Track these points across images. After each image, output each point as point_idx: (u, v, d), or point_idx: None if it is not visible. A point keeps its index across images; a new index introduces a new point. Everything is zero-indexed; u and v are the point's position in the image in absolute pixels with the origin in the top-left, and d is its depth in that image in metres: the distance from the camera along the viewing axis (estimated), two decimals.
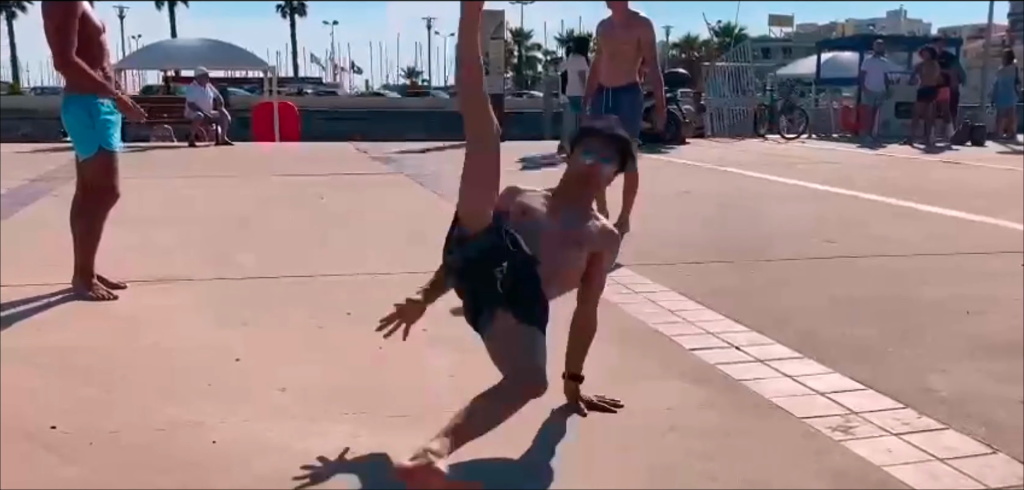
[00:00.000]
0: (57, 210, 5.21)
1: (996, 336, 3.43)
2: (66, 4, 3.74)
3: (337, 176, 8.96)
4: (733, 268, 4.70)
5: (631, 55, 5.50)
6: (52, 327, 3.52)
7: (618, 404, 2.61)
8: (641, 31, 5.49)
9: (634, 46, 5.47)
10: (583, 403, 2.59)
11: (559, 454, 2.35)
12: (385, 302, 3.88)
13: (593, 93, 5.87)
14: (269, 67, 20.51)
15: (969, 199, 7.45)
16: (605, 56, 5.64)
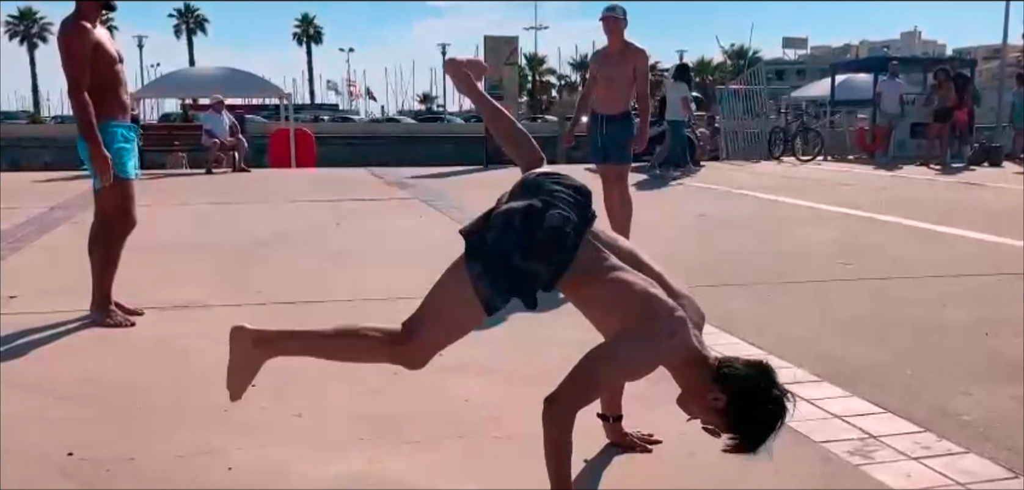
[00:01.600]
0: (76, 237, 5.27)
1: (1017, 359, 3.38)
2: (78, 36, 3.81)
3: (353, 202, 9.01)
4: (749, 291, 4.68)
5: (626, 83, 5.60)
6: (70, 354, 3.55)
7: (656, 441, 2.53)
8: (636, 60, 5.59)
9: (629, 75, 5.57)
10: (628, 439, 2.50)
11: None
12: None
13: (583, 118, 6.05)
14: (285, 94, 20.72)
15: (987, 220, 7.38)
16: (600, 84, 5.72)
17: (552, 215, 2.06)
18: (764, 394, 2.02)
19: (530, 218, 2.05)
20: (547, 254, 2.06)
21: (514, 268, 2.05)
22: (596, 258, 2.10)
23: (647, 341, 2.03)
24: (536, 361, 3.33)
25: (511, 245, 2.04)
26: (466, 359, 3.42)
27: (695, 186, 10.95)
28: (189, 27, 72.48)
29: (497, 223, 2.09)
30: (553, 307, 4.30)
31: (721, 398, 2.02)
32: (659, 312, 2.03)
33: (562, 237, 2.05)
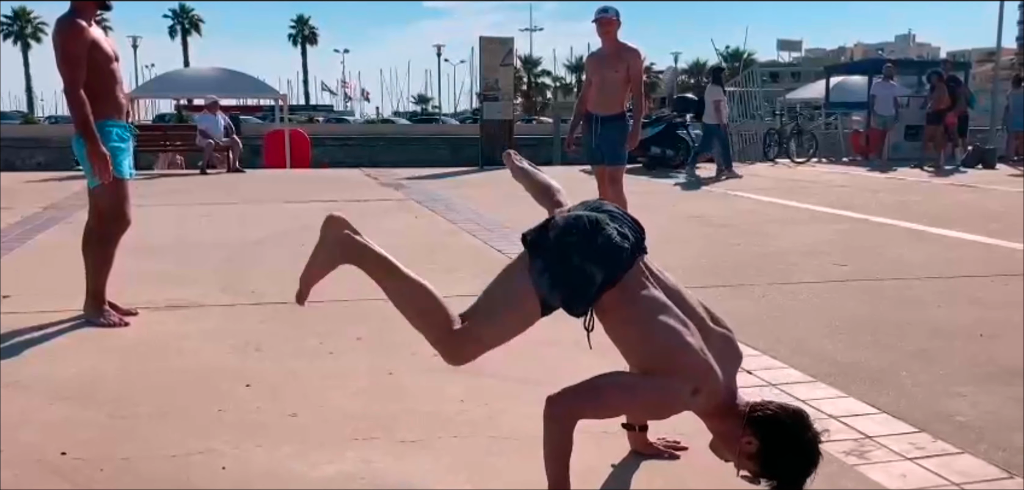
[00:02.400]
0: (69, 237, 5.26)
1: (1011, 359, 3.39)
2: (74, 34, 3.79)
3: (348, 202, 8.99)
4: (744, 292, 4.68)
5: (620, 84, 5.62)
6: (64, 354, 3.53)
7: (682, 447, 2.48)
8: (630, 61, 5.61)
9: (623, 75, 5.58)
10: (653, 448, 2.47)
11: None
12: (395, 328, 3.90)
13: (582, 120, 6.03)
14: (280, 95, 20.69)
15: (981, 222, 7.41)
16: (595, 85, 5.73)
17: (612, 227, 2.10)
18: (796, 437, 2.01)
19: (592, 225, 2.09)
20: (604, 260, 2.06)
21: (573, 267, 2.06)
22: (642, 283, 2.10)
23: (668, 392, 2.03)
24: (532, 363, 3.32)
25: (572, 245, 2.07)
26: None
27: (690, 188, 10.97)
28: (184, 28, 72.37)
29: (560, 223, 2.12)
30: None
31: (753, 442, 2.02)
32: (684, 369, 2.01)
33: (619, 249, 2.07)
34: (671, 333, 2.03)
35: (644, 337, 2.06)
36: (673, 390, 2.01)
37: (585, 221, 2.11)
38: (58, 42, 3.84)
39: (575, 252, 2.06)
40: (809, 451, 2.01)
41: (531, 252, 2.11)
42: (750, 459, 2.04)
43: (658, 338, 2.04)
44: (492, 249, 5.94)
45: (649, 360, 2.05)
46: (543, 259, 2.09)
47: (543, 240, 2.11)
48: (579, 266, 2.06)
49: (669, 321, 2.05)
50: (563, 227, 2.11)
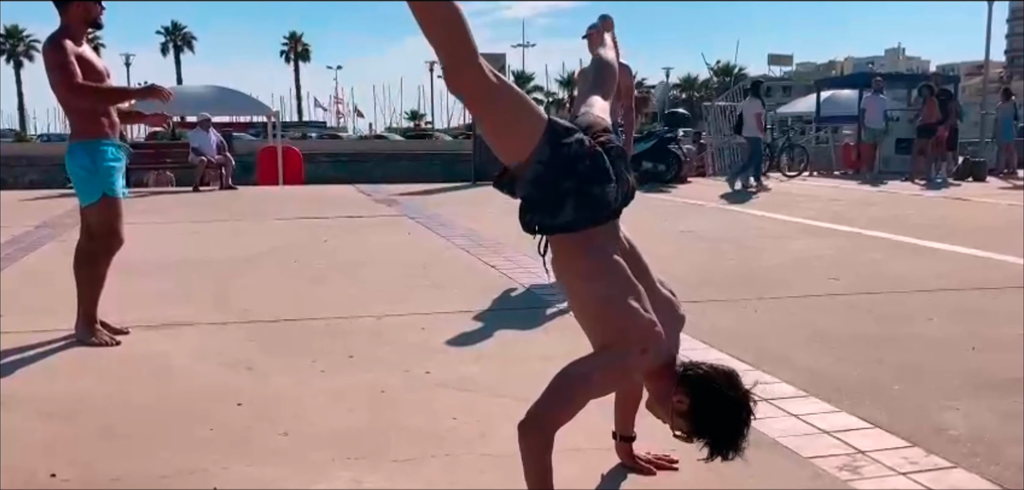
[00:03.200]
0: (61, 256, 5.23)
1: (1003, 373, 3.40)
2: (58, 45, 3.79)
3: (340, 219, 8.99)
4: (735, 306, 4.69)
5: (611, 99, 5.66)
6: (54, 373, 3.51)
7: (673, 460, 2.45)
8: (621, 76, 5.64)
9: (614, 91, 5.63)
10: (640, 462, 2.45)
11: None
12: (387, 344, 3.90)
13: None
14: (273, 112, 20.70)
15: (972, 235, 7.45)
16: None
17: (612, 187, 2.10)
18: (725, 396, 2.07)
19: (602, 174, 2.09)
20: (585, 208, 2.08)
21: (559, 189, 2.06)
22: (605, 238, 2.12)
23: (620, 360, 2.06)
24: (525, 380, 3.32)
25: (576, 171, 2.06)
26: (455, 376, 3.41)
27: (681, 202, 11.00)
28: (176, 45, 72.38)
29: (586, 146, 2.09)
30: (542, 324, 4.31)
31: (684, 400, 2.07)
32: (629, 330, 2.05)
33: (605, 207, 2.10)
34: (619, 294, 2.06)
35: (592, 294, 2.09)
36: (624, 357, 2.05)
37: (602, 164, 2.09)
38: (47, 57, 3.85)
39: (572, 178, 2.05)
40: (738, 409, 2.07)
41: (550, 136, 2.06)
42: (681, 417, 2.09)
43: (607, 301, 2.07)
44: (485, 265, 5.94)
45: (594, 318, 2.10)
46: (549, 154, 2.05)
47: (563, 141, 2.06)
48: (562, 192, 2.06)
49: (618, 281, 2.08)
50: (585, 152, 2.07)
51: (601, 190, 2.08)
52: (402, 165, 28.61)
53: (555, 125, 2.09)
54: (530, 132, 2.06)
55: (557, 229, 2.10)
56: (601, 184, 2.08)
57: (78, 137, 3.94)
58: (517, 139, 2.09)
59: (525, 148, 2.07)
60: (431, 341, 3.95)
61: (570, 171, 2.05)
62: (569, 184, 2.05)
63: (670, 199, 11.47)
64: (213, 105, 16.32)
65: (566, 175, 2.05)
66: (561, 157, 2.05)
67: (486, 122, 2.19)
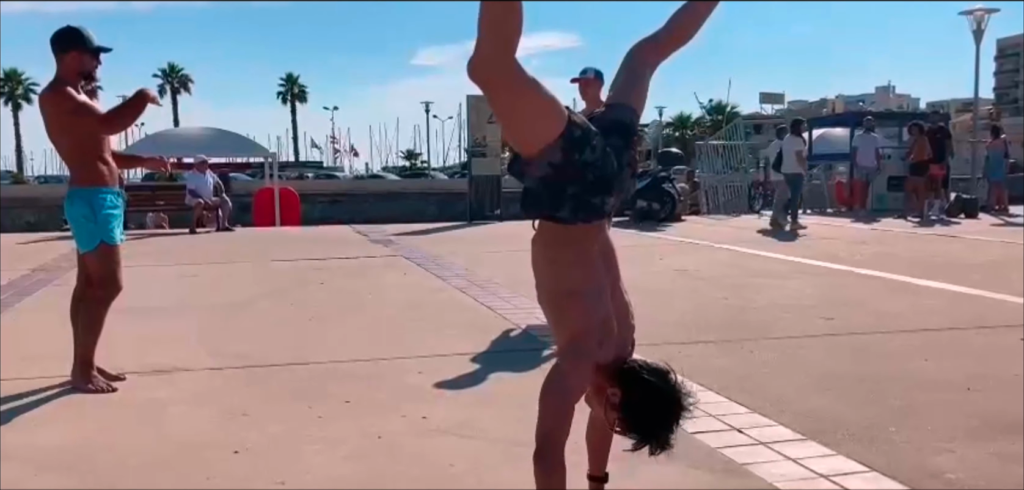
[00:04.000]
0: (58, 300, 5.23)
1: (1000, 414, 3.41)
2: (61, 93, 3.85)
3: (336, 260, 9.00)
4: (731, 347, 4.70)
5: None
6: (51, 421, 3.50)
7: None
8: None
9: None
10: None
11: None
12: (384, 389, 3.90)
13: None
14: (270, 154, 20.78)
15: (966, 273, 7.48)
16: None
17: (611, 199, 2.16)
18: (656, 389, 2.16)
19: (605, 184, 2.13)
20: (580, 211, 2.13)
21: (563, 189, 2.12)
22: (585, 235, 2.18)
23: (581, 352, 2.15)
24: (522, 425, 3.31)
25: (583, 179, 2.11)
26: (452, 421, 3.41)
27: (676, 240, 11.04)
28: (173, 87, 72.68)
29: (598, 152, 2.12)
30: (539, 366, 4.30)
31: (617, 393, 2.17)
32: (593, 322, 2.15)
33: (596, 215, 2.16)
34: (585, 288, 2.16)
35: (561, 284, 2.19)
36: (586, 352, 2.15)
37: (608, 175, 2.13)
38: (50, 104, 3.88)
39: (577, 184, 2.11)
40: (668, 403, 2.15)
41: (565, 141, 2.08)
42: (614, 410, 2.18)
43: (573, 293, 2.17)
44: (481, 305, 5.95)
45: (559, 308, 2.21)
46: (560, 158, 2.09)
47: (576, 151, 2.09)
48: (565, 195, 2.12)
49: (587, 276, 2.17)
50: (595, 162, 2.11)
51: (601, 200, 2.15)
52: (398, 204, 28.67)
53: (572, 130, 2.11)
54: (545, 134, 2.11)
55: (551, 220, 2.18)
56: (602, 194, 2.15)
57: (77, 184, 3.97)
58: (532, 135, 2.14)
59: (537, 145, 2.12)
60: (428, 384, 3.95)
61: (576, 178, 2.12)
62: (573, 189, 2.12)
63: (665, 238, 11.51)
64: (210, 147, 16.40)
65: (572, 181, 2.12)
66: (571, 164, 2.10)
67: (505, 111, 2.20)
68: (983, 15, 17.40)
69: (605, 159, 2.13)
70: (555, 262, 2.21)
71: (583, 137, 2.11)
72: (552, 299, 2.22)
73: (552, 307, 2.23)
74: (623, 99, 2.33)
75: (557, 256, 2.21)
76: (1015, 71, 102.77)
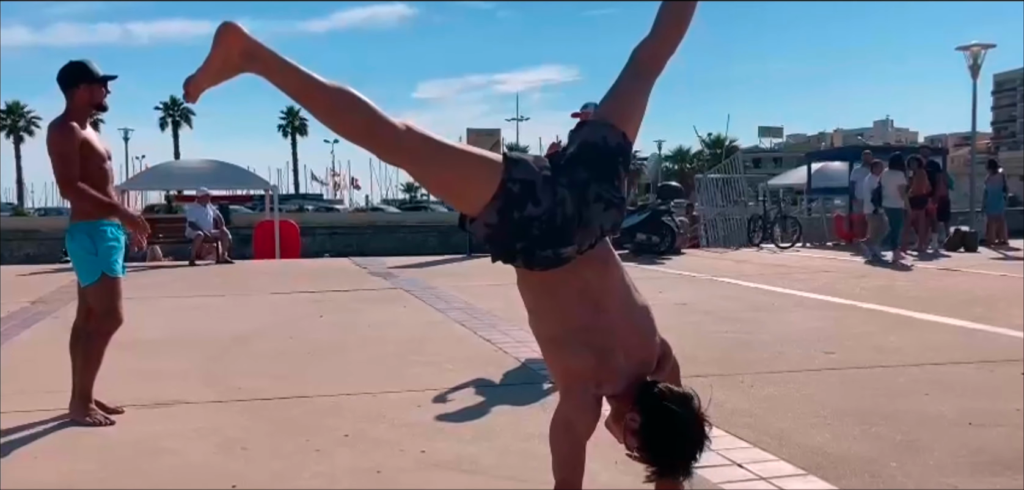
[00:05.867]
0: (56, 333, 5.22)
1: (1001, 449, 3.40)
2: (65, 135, 3.87)
3: (336, 293, 8.99)
4: (732, 381, 4.68)
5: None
6: (49, 454, 3.48)
7: None
8: None
9: None
10: None
11: None
12: (383, 423, 3.88)
13: None
14: (270, 187, 20.85)
15: (965, 307, 7.48)
16: None
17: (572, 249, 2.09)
18: (677, 416, 2.09)
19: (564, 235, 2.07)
20: (534, 261, 2.12)
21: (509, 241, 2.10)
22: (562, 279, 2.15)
23: (579, 397, 2.14)
24: (522, 458, 3.30)
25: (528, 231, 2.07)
26: (451, 456, 3.39)
27: (675, 274, 11.04)
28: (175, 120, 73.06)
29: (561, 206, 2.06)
30: (539, 399, 4.29)
31: (636, 418, 2.11)
32: (575, 370, 2.14)
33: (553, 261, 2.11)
34: (561, 335, 2.15)
35: (537, 332, 2.23)
36: (583, 395, 2.12)
37: (557, 226, 2.04)
38: (51, 143, 3.92)
39: (523, 240, 2.05)
40: (688, 432, 2.09)
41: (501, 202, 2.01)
42: (633, 436, 2.11)
43: (550, 340, 2.19)
44: (481, 339, 5.94)
45: (543, 352, 2.23)
46: (497, 221, 2.04)
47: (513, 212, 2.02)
48: (513, 250, 2.09)
49: (560, 321, 2.15)
50: (541, 213, 2.02)
51: (552, 252, 2.08)
52: (398, 237, 28.72)
53: (509, 187, 2.02)
54: (474, 198, 2.06)
55: (499, 259, 2.18)
56: (553, 246, 2.07)
57: (79, 217, 3.98)
58: (460, 201, 2.13)
59: (470, 208, 2.10)
60: (427, 419, 3.94)
61: (521, 235, 2.06)
62: (520, 244, 2.08)
63: (664, 271, 11.51)
64: (211, 179, 16.46)
65: (517, 238, 2.07)
66: (510, 222, 2.04)
67: (424, 183, 2.23)
68: (980, 51, 17.58)
69: (554, 209, 2.02)
70: (533, 311, 2.21)
71: (525, 192, 2.02)
72: (539, 345, 2.23)
73: (542, 352, 2.24)
74: (604, 116, 2.23)
75: (534, 306, 2.20)
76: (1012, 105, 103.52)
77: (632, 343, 2.21)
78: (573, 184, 2.07)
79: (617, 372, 2.16)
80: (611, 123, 2.20)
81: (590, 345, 2.13)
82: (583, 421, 2.16)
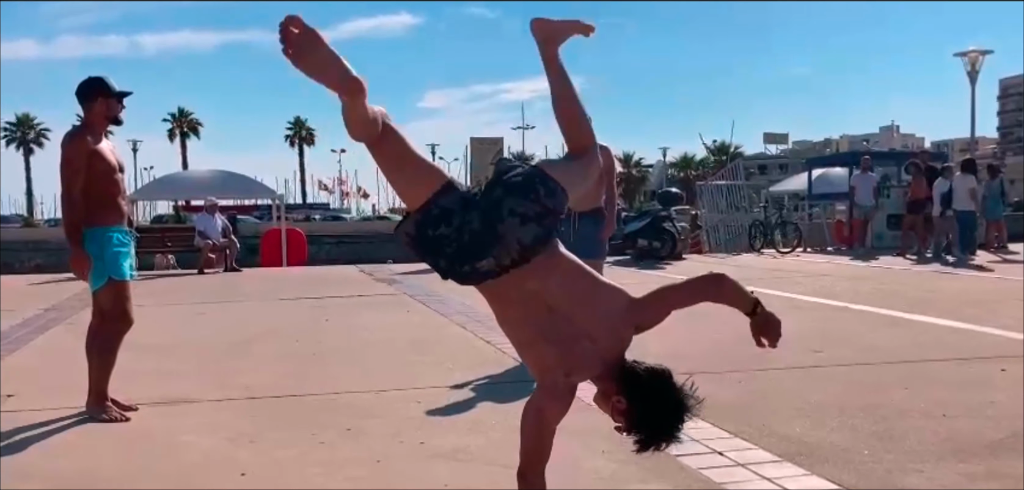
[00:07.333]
0: (70, 338, 5.44)
1: (972, 438, 3.56)
2: (74, 144, 4.09)
3: (341, 298, 9.20)
4: (719, 378, 4.85)
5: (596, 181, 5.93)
6: (67, 449, 3.69)
7: None
8: (603, 158, 5.94)
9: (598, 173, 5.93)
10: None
11: None
12: (384, 417, 4.07)
13: None
14: (277, 196, 21.10)
15: (957, 307, 7.63)
16: None
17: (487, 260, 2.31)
18: (659, 395, 2.35)
19: (473, 253, 2.32)
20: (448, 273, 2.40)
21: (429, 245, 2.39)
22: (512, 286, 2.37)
23: (553, 392, 2.38)
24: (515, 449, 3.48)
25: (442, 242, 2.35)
26: (449, 446, 3.58)
27: (674, 278, 11.20)
28: (183, 131, 73.61)
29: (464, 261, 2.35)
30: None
31: (622, 401, 2.35)
32: (547, 366, 2.37)
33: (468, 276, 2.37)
34: (526, 339, 2.41)
35: (508, 337, 2.49)
36: (554, 385, 2.36)
37: (469, 244, 2.30)
38: (62, 152, 4.13)
39: (441, 258, 2.35)
40: (670, 407, 2.34)
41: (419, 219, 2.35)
42: (621, 415, 2.36)
43: (518, 345, 2.46)
44: (481, 340, 6.13)
45: (518, 350, 2.48)
46: (415, 233, 2.35)
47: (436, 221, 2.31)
48: (436, 263, 2.37)
49: (521, 326, 2.40)
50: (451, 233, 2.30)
51: (469, 267, 2.33)
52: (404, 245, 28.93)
53: (428, 209, 2.32)
54: (408, 202, 2.40)
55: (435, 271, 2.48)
56: (471, 261, 2.32)
57: (87, 225, 4.17)
58: (406, 203, 2.45)
59: (407, 205, 2.42)
60: (426, 413, 4.13)
61: (437, 252, 2.35)
62: (441, 262, 2.37)
63: (664, 275, 11.68)
64: (219, 189, 16.72)
65: (433, 254, 2.37)
66: (425, 238, 2.34)
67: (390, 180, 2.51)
68: (977, 57, 17.72)
69: (462, 227, 2.28)
70: (501, 324, 2.48)
71: (442, 216, 2.31)
72: (518, 352, 2.51)
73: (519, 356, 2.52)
74: (540, 164, 2.51)
75: (499, 319, 2.47)
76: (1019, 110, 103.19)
77: (597, 329, 2.42)
78: (487, 203, 2.32)
79: (584, 357, 2.38)
80: (541, 170, 2.46)
81: (551, 340, 2.37)
82: (553, 408, 2.39)
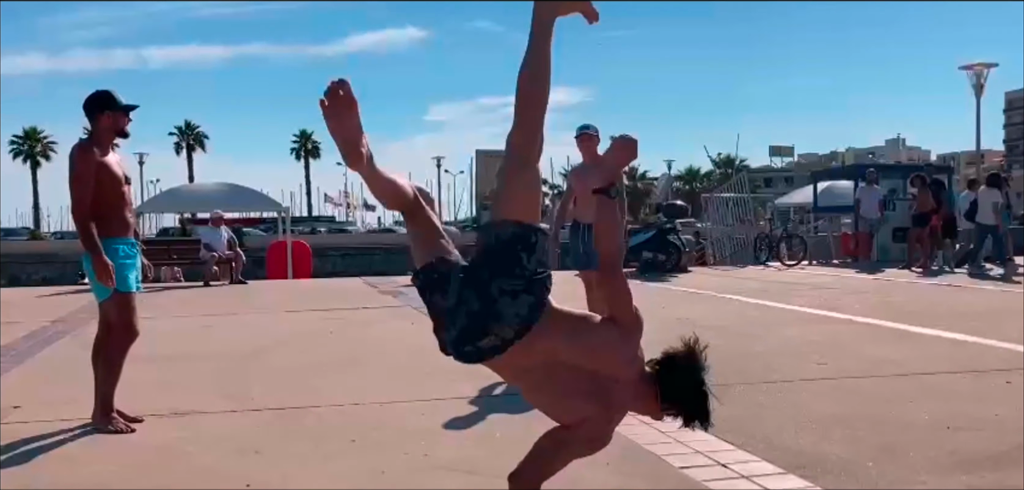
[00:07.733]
0: (77, 350, 5.46)
1: (976, 450, 3.56)
2: (82, 157, 4.12)
3: (346, 310, 9.22)
4: (726, 390, 4.79)
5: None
6: (72, 461, 3.70)
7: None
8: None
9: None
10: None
11: None
12: (389, 429, 4.08)
13: (561, 227, 6.76)
14: (283, 209, 21.18)
15: (963, 320, 7.61)
16: (579, 195, 6.11)
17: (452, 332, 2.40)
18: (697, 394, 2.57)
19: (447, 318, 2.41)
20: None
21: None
22: (514, 360, 2.42)
23: (605, 442, 2.52)
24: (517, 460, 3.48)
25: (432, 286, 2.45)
26: (452, 458, 3.59)
27: (679, 291, 11.21)
28: (189, 144, 73.88)
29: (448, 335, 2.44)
30: None
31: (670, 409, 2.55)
32: (595, 419, 2.46)
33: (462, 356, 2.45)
34: (553, 398, 2.48)
35: (538, 402, 2.55)
36: (606, 439, 2.52)
37: (437, 317, 2.43)
38: (70, 164, 4.17)
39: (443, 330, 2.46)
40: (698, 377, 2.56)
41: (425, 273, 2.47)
42: (674, 418, 2.57)
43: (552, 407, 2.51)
44: None
45: (549, 412, 2.55)
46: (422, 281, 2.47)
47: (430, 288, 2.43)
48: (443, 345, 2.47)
49: (547, 388, 2.47)
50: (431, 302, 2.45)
51: (474, 348, 2.40)
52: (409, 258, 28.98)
53: (428, 272, 2.44)
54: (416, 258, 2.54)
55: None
56: (474, 342, 2.39)
57: None
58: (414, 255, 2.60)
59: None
60: (431, 425, 4.14)
61: (440, 324, 2.45)
62: (444, 339, 2.46)
63: (669, 288, 11.68)
64: (225, 202, 16.78)
65: (438, 328, 2.47)
66: (429, 305, 2.47)
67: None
68: (983, 70, 17.71)
69: (459, 306, 2.35)
70: (527, 397, 2.60)
71: (440, 281, 2.39)
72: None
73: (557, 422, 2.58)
74: (494, 215, 2.52)
75: (525, 393, 2.59)
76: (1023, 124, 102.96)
77: (617, 370, 2.51)
78: (478, 285, 2.36)
79: (621, 401, 2.51)
80: (501, 219, 2.44)
81: (582, 394, 2.45)
82: (595, 451, 2.55)
